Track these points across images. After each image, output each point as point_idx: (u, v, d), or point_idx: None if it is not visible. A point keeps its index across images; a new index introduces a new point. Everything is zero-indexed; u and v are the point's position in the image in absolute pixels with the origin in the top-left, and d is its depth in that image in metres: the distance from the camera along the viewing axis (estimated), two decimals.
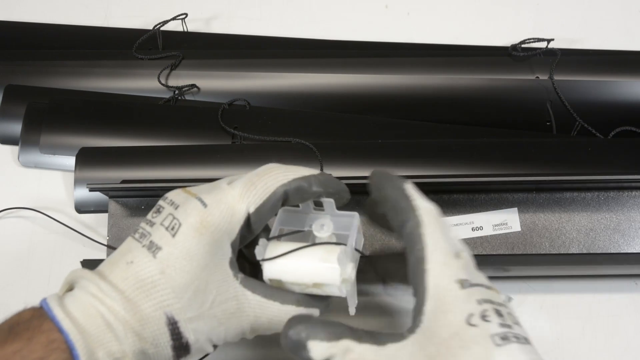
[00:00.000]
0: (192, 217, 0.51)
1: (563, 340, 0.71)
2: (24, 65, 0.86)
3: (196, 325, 0.51)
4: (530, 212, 0.71)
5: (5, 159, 0.82)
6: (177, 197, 0.53)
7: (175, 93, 0.84)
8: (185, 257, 0.50)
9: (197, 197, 0.52)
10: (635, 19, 0.92)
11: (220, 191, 0.53)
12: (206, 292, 0.51)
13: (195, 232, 0.51)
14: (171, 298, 0.50)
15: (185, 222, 0.51)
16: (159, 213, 0.52)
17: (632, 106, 0.82)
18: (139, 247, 0.51)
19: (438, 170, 0.74)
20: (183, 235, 0.51)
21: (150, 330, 0.49)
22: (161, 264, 0.50)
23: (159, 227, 0.51)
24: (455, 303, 0.48)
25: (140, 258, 0.50)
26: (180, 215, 0.51)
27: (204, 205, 0.52)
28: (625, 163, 0.75)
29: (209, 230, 0.51)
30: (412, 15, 0.94)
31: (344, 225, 0.56)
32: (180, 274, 0.50)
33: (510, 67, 0.84)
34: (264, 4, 0.95)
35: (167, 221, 0.51)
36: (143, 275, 0.49)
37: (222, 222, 0.52)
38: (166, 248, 0.50)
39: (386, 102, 0.84)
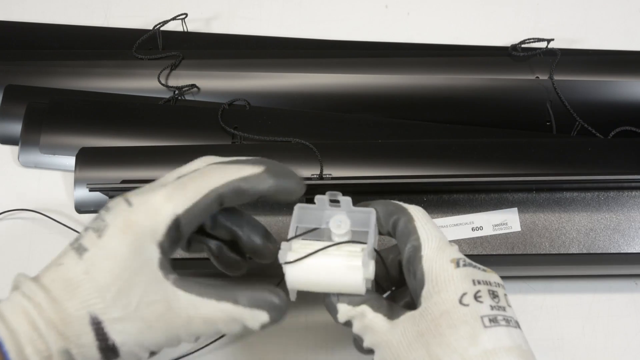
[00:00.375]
0: (118, 217, 0.51)
1: (563, 340, 0.72)
2: (24, 65, 0.86)
3: (122, 327, 0.50)
4: (530, 212, 0.71)
5: (5, 159, 0.82)
6: (113, 201, 0.53)
7: (175, 93, 0.84)
8: (108, 257, 0.50)
9: (124, 198, 0.52)
10: (635, 19, 0.92)
11: (148, 192, 0.52)
12: (130, 293, 0.50)
13: (119, 232, 0.50)
14: (94, 297, 0.49)
15: (111, 223, 0.51)
16: (95, 220, 0.52)
17: (632, 106, 0.82)
18: (69, 250, 0.51)
19: (438, 170, 0.74)
20: (108, 237, 0.50)
21: (74, 329, 0.49)
22: (85, 264, 0.50)
23: (89, 230, 0.51)
24: (449, 281, 0.51)
25: (68, 260, 0.50)
26: (108, 217, 0.51)
27: (129, 205, 0.51)
28: (625, 163, 0.75)
29: (133, 230, 0.50)
30: (412, 15, 0.94)
31: (361, 221, 0.56)
32: (103, 274, 0.49)
33: (510, 67, 0.84)
34: (264, 4, 0.95)
35: (96, 224, 0.51)
36: (69, 275, 0.50)
37: (146, 222, 0.51)
38: (92, 249, 0.50)
39: (386, 102, 0.84)
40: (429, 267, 0.52)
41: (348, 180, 0.71)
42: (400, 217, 0.55)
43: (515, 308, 0.72)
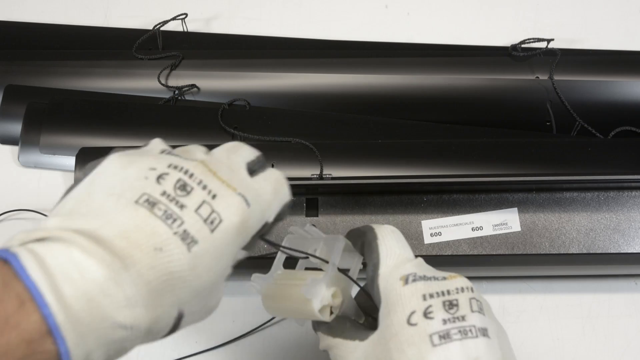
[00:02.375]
0: (237, 216, 0.45)
1: (563, 340, 0.72)
2: (24, 65, 0.86)
3: (194, 318, 0.46)
4: (530, 212, 0.71)
5: (5, 159, 0.82)
6: (208, 180, 0.46)
7: (175, 93, 0.84)
8: (217, 256, 0.44)
9: (240, 195, 0.46)
10: (635, 19, 0.92)
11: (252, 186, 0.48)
12: (218, 290, 0.47)
13: (235, 232, 0.45)
14: (191, 298, 0.44)
15: (227, 219, 0.45)
16: (187, 194, 0.44)
17: (632, 106, 0.82)
18: (169, 233, 0.42)
19: (438, 170, 0.74)
20: (223, 233, 0.44)
21: (159, 326, 0.44)
22: (194, 260, 0.43)
23: (193, 214, 0.44)
24: (397, 302, 0.49)
25: (171, 247, 0.42)
26: (222, 210, 0.45)
27: (248, 205, 0.46)
28: (625, 163, 0.75)
29: (248, 233, 0.47)
30: (412, 15, 0.94)
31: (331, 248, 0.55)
32: (208, 274, 0.44)
33: (510, 67, 0.84)
34: (264, 4, 0.95)
35: (205, 211, 0.44)
36: (173, 268, 0.42)
37: (258, 225, 0.48)
38: (202, 243, 0.43)
39: (386, 102, 0.84)
40: (383, 287, 0.50)
41: (348, 180, 0.71)
42: (366, 236, 0.53)
43: (515, 308, 0.73)
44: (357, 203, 0.72)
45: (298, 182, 0.72)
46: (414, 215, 0.72)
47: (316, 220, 0.72)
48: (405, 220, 0.72)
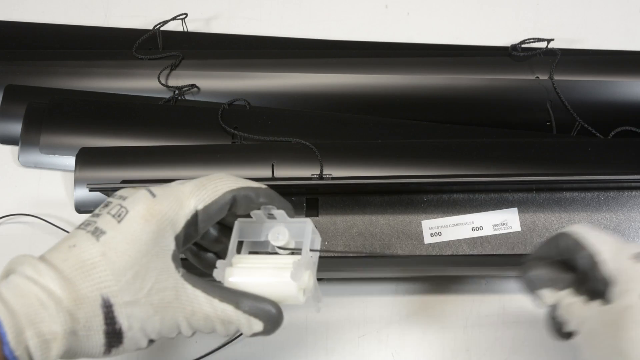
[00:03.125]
0: (140, 204, 0.52)
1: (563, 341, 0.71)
2: (24, 65, 0.86)
3: (131, 311, 0.51)
4: (530, 212, 0.71)
5: (5, 159, 0.82)
6: (126, 191, 0.54)
7: (175, 93, 0.84)
8: (128, 241, 0.51)
9: (146, 189, 0.54)
10: (635, 19, 0.92)
11: (170, 187, 0.55)
12: (145, 278, 0.51)
13: (141, 219, 0.52)
14: (109, 280, 0.50)
15: (132, 209, 0.52)
16: (107, 206, 0.53)
17: (632, 106, 0.82)
18: (82, 233, 0.51)
19: (438, 170, 0.74)
20: (129, 221, 0.51)
21: (85, 310, 0.49)
22: (103, 246, 0.50)
23: (105, 215, 0.52)
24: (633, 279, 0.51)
25: (82, 241, 0.51)
26: (129, 204, 0.52)
27: (153, 195, 0.53)
28: (625, 163, 0.75)
29: (155, 219, 0.52)
30: (412, 15, 0.94)
31: (299, 231, 0.57)
32: (121, 257, 0.50)
33: (510, 67, 0.84)
34: (264, 4, 0.95)
35: (114, 210, 0.52)
36: (84, 256, 0.50)
37: (169, 212, 0.53)
38: (110, 232, 0.51)
39: (386, 102, 0.84)
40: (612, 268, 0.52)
41: (348, 180, 0.71)
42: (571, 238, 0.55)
43: (516, 308, 0.73)
44: (357, 203, 0.72)
45: (298, 182, 0.72)
46: (414, 215, 0.72)
47: (316, 220, 0.72)
48: (405, 220, 0.72)
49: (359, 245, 0.71)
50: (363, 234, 0.71)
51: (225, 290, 0.54)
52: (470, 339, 0.71)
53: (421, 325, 0.72)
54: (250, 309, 0.53)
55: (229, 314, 0.53)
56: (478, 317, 0.72)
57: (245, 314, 0.53)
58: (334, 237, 0.72)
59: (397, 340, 0.71)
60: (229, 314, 0.53)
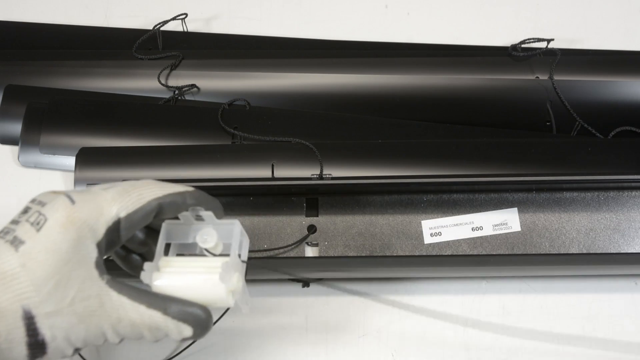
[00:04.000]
0: (59, 212, 0.50)
1: (563, 340, 0.71)
2: (24, 65, 0.86)
3: (54, 321, 0.50)
4: (530, 212, 0.71)
5: (5, 159, 0.82)
6: (45, 197, 0.52)
7: (175, 93, 0.84)
8: (48, 250, 0.49)
9: (65, 195, 0.52)
10: (635, 19, 0.92)
11: (92, 193, 0.53)
12: (67, 287, 0.50)
13: (61, 227, 0.50)
14: (30, 291, 0.49)
15: (51, 217, 0.50)
16: (26, 213, 0.51)
17: (632, 106, 0.82)
18: (1, 243, 0.50)
19: (438, 170, 0.74)
20: (48, 230, 0.50)
21: (5, 323, 0.48)
22: (23, 257, 0.49)
23: (24, 223, 0.50)
24: None
25: (1, 252, 0.49)
26: (47, 211, 0.51)
27: (72, 202, 0.51)
28: (625, 163, 0.75)
29: (75, 226, 0.50)
30: (412, 15, 0.94)
31: (227, 233, 0.56)
32: (42, 267, 0.49)
33: (510, 67, 0.84)
34: (264, 4, 0.95)
35: (33, 217, 0.50)
36: (3, 268, 0.48)
37: (89, 219, 0.51)
38: (29, 242, 0.49)
39: (386, 102, 0.84)
40: None
41: (348, 180, 0.71)
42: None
43: (515, 308, 0.73)
44: (357, 203, 0.72)
45: (298, 182, 0.72)
46: (414, 215, 0.72)
47: (316, 220, 0.72)
48: (405, 220, 0.72)
49: (359, 245, 0.71)
50: (363, 234, 0.71)
51: (152, 295, 0.53)
52: (470, 339, 0.71)
53: (421, 325, 0.72)
54: (179, 314, 0.52)
55: (156, 320, 0.52)
56: (478, 317, 0.72)
57: (174, 320, 0.52)
58: (333, 237, 0.72)
59: (397, 340, 0.71)
60: (157, 321, 0.52)
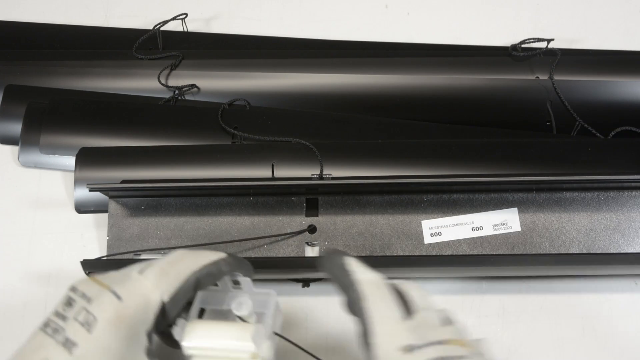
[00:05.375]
0: (108, 312, 0.51)
1: (563, 341, 0.71)
2: (24, 65, 0.86)
3: None
4: (530, 212, 0.71)
5: (5, 159, 0.82)
6: (89, 289, 0.52)
7: (175, 93, 0.84)
8: (102, 352, 0.50)
9: (110, 290, 0.52)
10: (635, 19, 0.92)
11: (133, 282, 0.53)
12: None
13: (112, 327, 0.50)
14: None
15: (100, 317, 0.50)
16: (71, 307, 0.51)
17: (632, 106, 0.82)
18: (52, 344, 0.49)
19: (438, 170, 0.74)
20: (99, 331, 0.50)
21: None
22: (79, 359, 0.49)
23: (72, 322, 0.50)
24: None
25: (55, 355, 0.49)
26: (95, 310, 0.51)
27: (119, 299, 0.51)
28: (625, 163, 0.75)
29: (125, 324, 0.51)
30: (412, 15, 0.94)
31: (262, 303, 0.57)
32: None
33: (510, 67, 0.84)
34: (264, 4, 0.95)
35: (82, 316, 0.50)
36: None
37: (138, 314, 0.52)
38: (82, 344, 0.49)
39: (386, 102, 0.84)
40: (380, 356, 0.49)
41: (348, 180, 0.71)
42: (351, 295, 0.52)
43: (515, 308, 0.73)
44: (357, 203, 0.72)
45: (298, 182, 0.72)
46: (414, 215, 0.72)
47: (316, 220, 0.72)
48: (405, 220, 0.72)
49: (359, 245, 0.71)
50: (363, 233, 0.71)
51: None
52: None
53: None
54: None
55: None
56: (478, 317, 0.72)
57: None
58: (334, 237, 0.72)
59: None
60: None
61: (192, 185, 0.71)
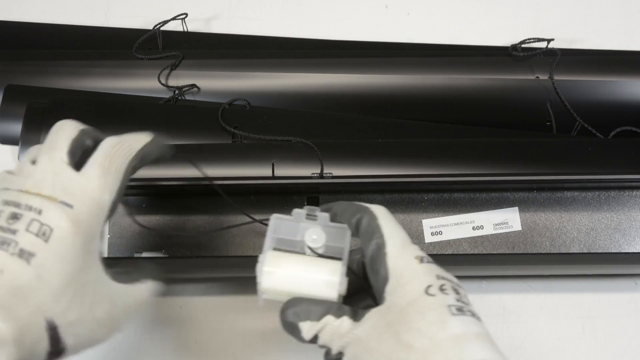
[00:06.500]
0: (63, 220, 0.50)
1: (563, 340, 0.72)
2: (24, 65, 0.86)
3: (76, 329, 0.50)
4: (530, 212, 0.72)
5: (5, 159, 0.82)
6: (31, 201, 0.51)
7: (175, 93, 0.83)
8: (61, 260, 0.49)
9: (59, 201, 0.51)
10: (635, 19, 0.92)
11: (77, 185, 0.52)
12: (84, 293, 0.50)
13: (69, 234, 0.50)
14: (50, 302, 0.48)
15: (57, 227, 0.50)
16: (17, 219, 0.50)
17: (632, 106, 0.82)
18: (5, 256, 0.48)
19: (438, 169, 0.74)
20: (56, 239, 0.49)
21: (30, 336, 0.48)
22: (37, 269, 0.48)
23: (24, 233, 0.49)
24: (414, 275, 0.51)
25: (11, 266, 0.48)
26: (49, 221, 0.50)
27: (71, 207, 0.51)
28: (625, 163, 0.75)
29: (82, 230, 0.50)
30: (412, 15, 0.94)
31: (335, 237, 0.57)
32: (59, 277, 0.49)
33: (510, 67, 0.84)
34: (264, 4, 0.95)
35: (34, 227, 0.49)
36: (18, 282, 0.48)
37: (92, 218, 0.52)
38: (40, 254, 0.49)
39: (386, 102, 0.84)
40: (393, 264, 0.52)
41: (348, 179, 0.71)
42: (363, 216, 0.55)
43: (515, 308, 0.73)
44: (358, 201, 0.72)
45: (299, 181, 0.72)
46: (415, 214, 0.72)
47: None
48: (406, 219, 0.72)
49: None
50: None
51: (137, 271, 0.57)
52: None
53: None
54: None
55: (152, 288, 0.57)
56: None
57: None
58: None
59: None
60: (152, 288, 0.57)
61: (193, 184, 0.71)
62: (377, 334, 0.51)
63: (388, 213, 0.56)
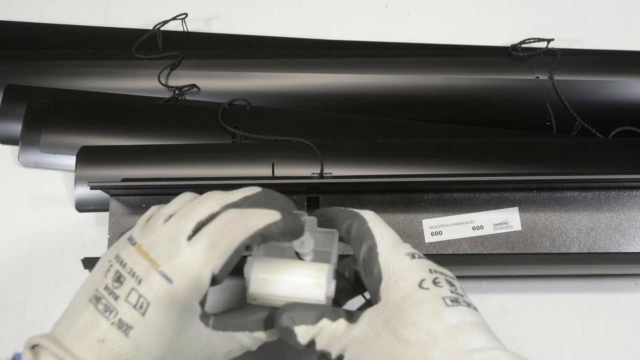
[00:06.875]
0: (160, 295, 0.50)
1: (563, 340, 0.72)
2: (24, 65, 0.86)
3: None
4: (530, 212, 0.71)
5: (5, 159, 0.82)
6: (136, 264, 0.51)
7: (175, 93, 0.84)
8: (157, 333, 0.50)
9: (159, 272, 0.51)
10: (635, 19, 0.92)
11: (181, 256, 0.51)
12: (182, 354, 0.52)
13: (165, 309, 0.50)
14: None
15: (153, 301, 0.50)
16: (121, 284, 0.51)
17: (632, 106, 0.82)
18: (107, 325, 0.50)
19: (438, 169, 0.74)
20: (152, 314, 0.50)
21: None
22: (135, 341, 0.50)
23: (124, 303, 0.50)
24: (407, 271, 0.53)
25: (112, 337, 0.50)
26: (146, 293, 0.50)
27: (169, 282, 0.51)
28: (625, 163, 0.75)
29: (179, 305, 0.51)
30: (412, 15, 0.94)
31: (323, 242, 0.58)
32: (156, 348, 0.50)
33: (510, 67, 0.84)
34: (264, 4, 0.95)
35: (133, 298, 0.50)
36: (118, 352, 0.49)
37: (190, 293, 0.51)
38: (137, 327, 0.50)
39: (386, 102, 0.84)
40: (385, 262, 0.54)
41: (348, 180, 0.71)
42: (353, 222, 0.56)
43: (515, 308, 0.73)
44: (357, 202, 0.72)
45: (299, 181, 0.72)
46: (415, 214, 0.72)
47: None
48: (406, 219, 0.72)
49: None
50: None
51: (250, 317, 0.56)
52: None
53: None
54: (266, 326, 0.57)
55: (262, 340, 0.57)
56: None
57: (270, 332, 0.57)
58: None
59: None
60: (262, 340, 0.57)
61: (193, 184, 0.71)
62: (375, 332, 0.52)
63: (377, 217, 0.57)
